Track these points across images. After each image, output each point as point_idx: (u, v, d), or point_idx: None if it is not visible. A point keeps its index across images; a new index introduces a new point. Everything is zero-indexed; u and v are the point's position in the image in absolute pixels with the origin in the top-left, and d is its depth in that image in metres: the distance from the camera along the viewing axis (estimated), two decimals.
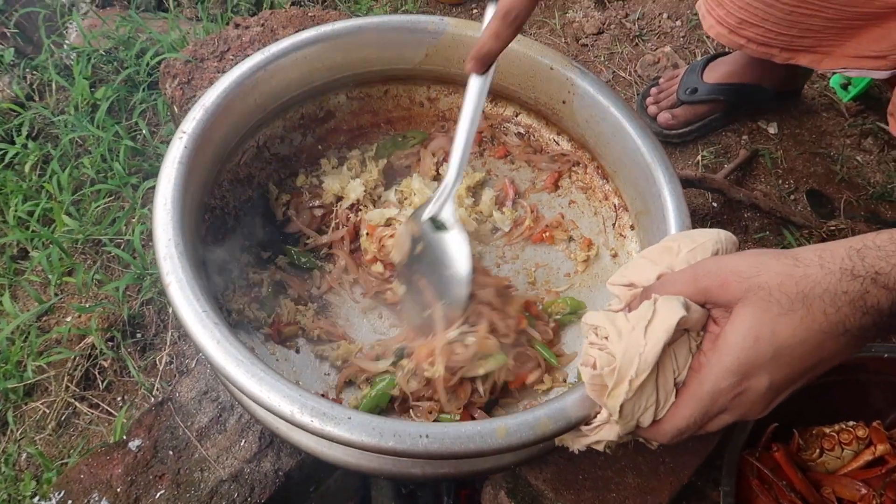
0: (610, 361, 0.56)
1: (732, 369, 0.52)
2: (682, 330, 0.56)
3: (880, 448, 0.81)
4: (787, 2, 1.00)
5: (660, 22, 1.61)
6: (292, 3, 1.59)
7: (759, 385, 0.52)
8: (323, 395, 0.76)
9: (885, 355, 0.80)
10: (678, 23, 1.61)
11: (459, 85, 1.02)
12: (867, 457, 0.81)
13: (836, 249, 0.52)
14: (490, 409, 0.85)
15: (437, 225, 0.85)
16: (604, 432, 0.61)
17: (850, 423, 0.84)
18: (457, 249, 0.84)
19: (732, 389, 0.53)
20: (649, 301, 0.56)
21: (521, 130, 1.03)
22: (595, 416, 0.63)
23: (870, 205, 1.31)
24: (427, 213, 0.85)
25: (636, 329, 0.55)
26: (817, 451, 0.83)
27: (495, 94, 1.02)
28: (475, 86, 0.80)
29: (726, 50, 1.44)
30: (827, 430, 0.84)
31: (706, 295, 0.55)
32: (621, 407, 0.56)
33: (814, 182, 1.35)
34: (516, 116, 1.03)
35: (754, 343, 0.51)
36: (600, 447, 0.62)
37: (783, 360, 0.51)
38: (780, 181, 1.35)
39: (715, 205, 1.32)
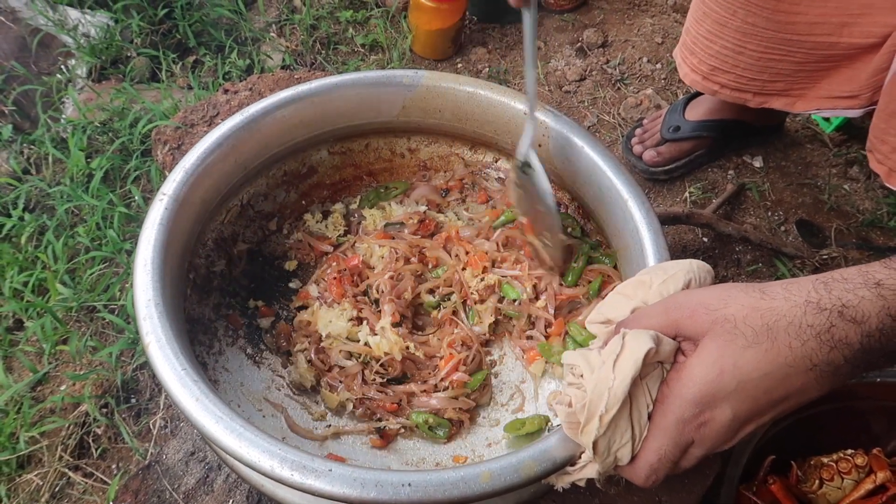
0: (583, 398, 0.55)
1: (695, 400, 0.52)
2: (655, 363, 0.56)
3: (881, 475, 0.79)
4: (756, 48, 1.02)
5: (640, 66, 1.64)
6: (281, 67, 1.63)
7: (721, 416, 0.52)
8: None
9: (878, 380, 0.79)
10: (658, 66, 1.64)
11: (439, 134, 1.04)
12: (868, 485, 0.79)
13: (803, 283, 0.52)
14: None
15: (525, 169, 0.89)
16: (586, 470, 0.60)
17: (849, 451, 0.82)
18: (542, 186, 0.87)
19: (696, 419, 0.52)
20: (619, 336, 0.56)
21: (502, 175, 1.04)
22: (580, 457, 0.62)
23: (860, 232, 1.31)
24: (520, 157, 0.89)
25: (605, 364, 0.54)
26: (817, 482, 0.81)
27: (473, 142, 1.03)
28: (525, 19, 0.83)
29: None
30: (825, 460, 0.82)
31: (676, 327, 0.55)
32: (595, 443, 0.55)
33: (803, 212, 1.35)
34: (496, 162, 1.04)
35: (718, 375, 0.51)
36: (582, 483, 0.61)
37: (747, 392, 0.51)
38: (770, 213, 1.36)
39: (705, 240, 1.32)
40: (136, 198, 1.34)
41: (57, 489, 1.06)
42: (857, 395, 0.82)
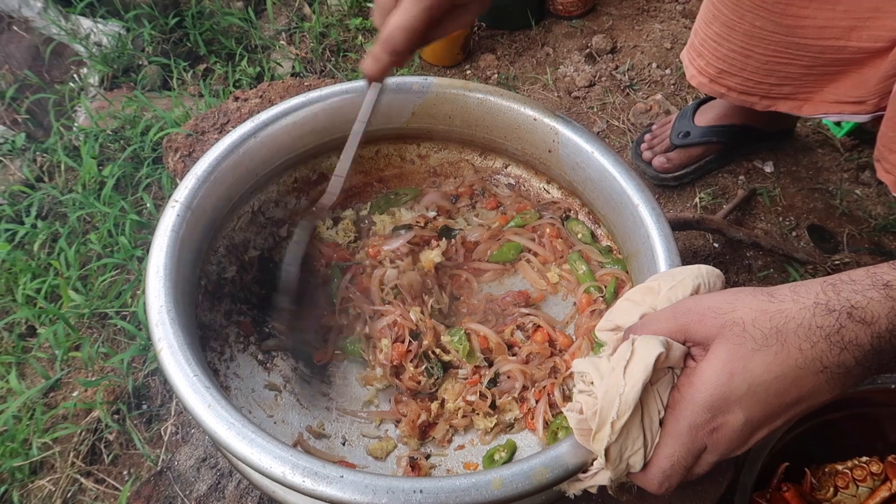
0: (594, 405, 0.55)
1: (707, 405, 0.51)
2: (665, 368, 0.56)
3: None
4: (763, 51, 1.02)
5: (649, 71, 1.64)
6: (291, 75, 1.64)
7: (734, 421, 0.51)
8: None
9: (893, 386, 0.78)
10: (667, 71, 1.64)
11: (448, 141, 1.04)
12: (884, 493, 0.78)
13: (811, 285, 0.52)
14: None
15: None
16: (598, 478, 0.60)
17: (864, 458, 0.81)
18: None
19: (708, 425, 0.52)
20: (628, 342, 0.56)
21: (512, 181, 1.04)
22: (592, 463, 0.62)
23: (873, 237, 1.30)
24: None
25: (616, 370, 0.54)
26: (831, 489, 0.80)
27: (483, 148, 1.03)
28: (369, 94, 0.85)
29: None
30: (840, 468, 0.81)
31: (685, 332, 0.55)
32: (607, 450, 0.54)
33: (814, 217, 1.34)
34: (506, 168, 1.04)
35: (728, 379, 0.51)
36: (593, 490, 0.61)
37: (758, 395, 0.51)
38: (781, 218, 1.35)
39: (716, 245, 1.31)
40: (148, 205, 1.35)
41: (69, 495, 1.07)
42: (872, 401, 0.81)
